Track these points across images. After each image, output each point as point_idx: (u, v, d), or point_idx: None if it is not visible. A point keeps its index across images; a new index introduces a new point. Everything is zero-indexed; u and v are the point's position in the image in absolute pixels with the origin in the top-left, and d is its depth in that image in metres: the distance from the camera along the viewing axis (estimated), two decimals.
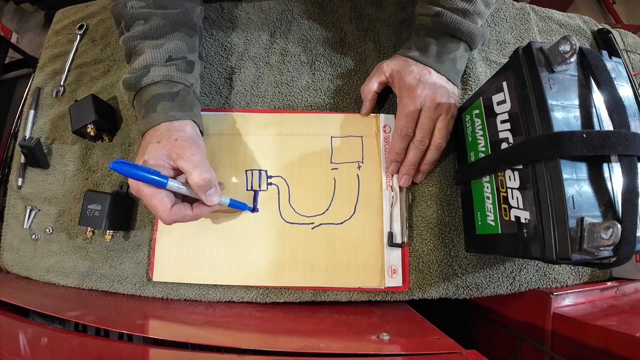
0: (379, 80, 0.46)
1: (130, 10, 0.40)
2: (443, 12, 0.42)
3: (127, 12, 0.40)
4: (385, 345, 0.32)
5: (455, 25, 0.43)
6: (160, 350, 0.32)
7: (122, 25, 0.42)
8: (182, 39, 0.42)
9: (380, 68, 0.46)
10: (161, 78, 0.39)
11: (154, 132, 0.37)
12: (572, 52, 0.30)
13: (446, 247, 0.45)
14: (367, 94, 0.46)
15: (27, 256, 0.49)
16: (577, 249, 0.27)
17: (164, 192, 0.35)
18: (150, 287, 0.45)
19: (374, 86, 0.46)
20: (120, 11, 0.41)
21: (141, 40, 0.40)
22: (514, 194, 0.34)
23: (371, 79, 0.46)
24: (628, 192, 0.28)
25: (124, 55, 0.42)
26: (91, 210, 0.44)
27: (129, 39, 0.40)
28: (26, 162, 0.51)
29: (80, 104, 0.48)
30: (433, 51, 0.44)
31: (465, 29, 0.43)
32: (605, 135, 0.28)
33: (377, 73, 0.46)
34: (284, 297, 0.44)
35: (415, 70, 0.44)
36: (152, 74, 0.39)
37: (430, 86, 0.43)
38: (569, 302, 0.44)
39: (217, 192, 0.37)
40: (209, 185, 0.35)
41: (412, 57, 0.44)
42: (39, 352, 0.31)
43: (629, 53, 0.58)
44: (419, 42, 0.45)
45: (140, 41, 0.40)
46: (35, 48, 1.65)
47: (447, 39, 0.44)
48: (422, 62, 0.44)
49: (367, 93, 0.46)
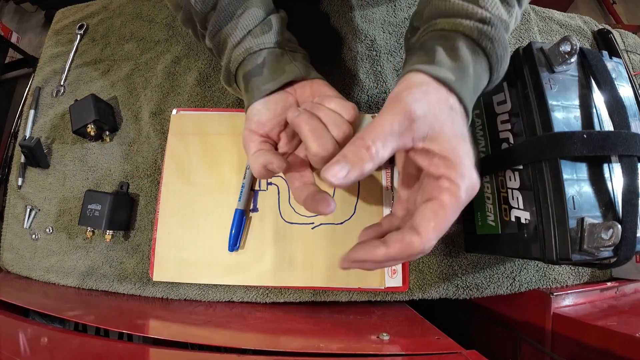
0: (396, 143, 0.25)
1: (196, 5, 0.36)
2: (495, 20, 0.28)
3: (195, 9, 0.36)
4: (385, 346, 0.32)
5: (503, 42, 0.28)
6: (160, 350, 0.32)
7: (199, 26, 0.38)
8: (254, 5, 0.36)
9: (404, 105, 0.25)
10: (242, 56, 0.35)
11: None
12: (573, 53, 0.30)
13: (446, 247, 0.45)
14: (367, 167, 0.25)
15: (27, 256, 0.49)
16: (578, 250, 0.27)
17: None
18: (150, 287, 0.45)
19: (384, 154, 0.25)
20: (190, 12, 0.37)
21: (219, 30, 0.36)
22: (514, 194, 0.34)
23: (380, 138, 0.24)
24: (628, 192, 0.28)
25: (216, 55, 0.39)
26: (91, 210, 0.44)
27: (210, 35, 0.37)
28: (26, 162, 0.51)
29: (80, 103, 0.48)
30: (470, 77, 0.27)
31: (505, 53, 0.29)
32: (606, 135, 0.28)
33: (396, 124, 0.24)
34: (284, 297, 0.44)
35: (459, 114, 0.27)
36: (235, 57, 0.36)
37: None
38: (569, 303, 0.44)
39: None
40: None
41: (443, 81, 0.26)
42: (39, 352, 0.31)
43: (629, 53, 0.58)
44: (453, 55, 0.27)
45: (218, 32, 0.36)
46: (36, 48, 1.65)
47: (482, 60, 0.28)
48: (457, 91, 0.26)
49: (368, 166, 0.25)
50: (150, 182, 0.48)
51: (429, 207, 0.24)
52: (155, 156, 0.49)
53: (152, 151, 0.49)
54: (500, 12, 0.28)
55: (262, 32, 0.36)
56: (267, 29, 0.36)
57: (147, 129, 0.50)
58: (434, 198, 0.24)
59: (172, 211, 0.45)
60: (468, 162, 0.25)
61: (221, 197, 0.45)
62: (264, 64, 0.35)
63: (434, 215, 0.24)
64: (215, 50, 0.38)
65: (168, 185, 0.46)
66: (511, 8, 0.30)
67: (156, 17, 0.56)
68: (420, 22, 0.32)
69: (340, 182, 0.24)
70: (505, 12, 0.29)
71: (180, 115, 0.49)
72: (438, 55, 0.27)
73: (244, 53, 0.35)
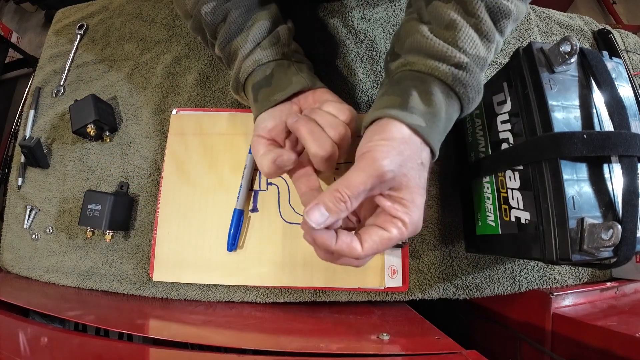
0: (367, 195, 0.29)
1: (206, 17, 0.37)
2: (470, 65, 0.29)
3: (205, 20, 0.37)
4: (385, 345, 0.32)
5: (476, 86, 0.30)
6: (160, 350, 0.32)
7: (208, 36, 0.39)
8: (263, 17, 0.38)
9: (377, 168, 0.27)
10: (252, 67, 0.37)
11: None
12: (573, 53, 0.30)
13: (446, 247, 0.45)
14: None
15: (27, 256, 0.49)
16: (578, 250, 0.27)
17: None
18: (150, 287, 0.45)
19: (356, 204, 0.28)
20: (200, 22, 0.38)
21: (229, 41, 0.38)
22: (515, 194, 0.34)
23: (354, 195, 0.27)
24: (628, 192, 0.28)
25: (225, 64, 0.40)
26: (91, 210, 0.44)
27: (220, 46, 0.38)
28: (26, 162, 0.51)
29: (80, 103, 0.48)
30: (442, 121, 0.30)
31: (478, 94, 0.31)
32: (606, 135, 0.28)
33: (367, 176, 0.27)
34: (284, 297, 0.44)
35: (426, 166, 0.30)
36: (244, 68, 0.37)
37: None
38: (569, 303, 0.44)
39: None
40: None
41: (414, 128, 0.28)
42: (39, 351, 0.31)
43: (629, 53, 0.58)
44: (427, 99, 0.29)
45: (229, 44, 0.38)
46: (36, 48, 1.65)
47: (454, 103, 0.30)
48: (426, 137, 0.29)
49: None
50: (150, 182, 0.48)
51: (378, 234, 0.28)
52: (155, 156, 0.49)
53: (152, 151, 0.49)
54: (479, 50, 0.30)
55: (270, 45, 0.37)
56: (275, 41, 0.38)
57: (147, 129, 0.50)
58: (385, 228, 0.28)
59: (172, 211, 0.45)
60: (420, 210, 0.29)
61: (221, 197, 0.45)
62: (272, 76, 0.37)
63: (380, 241, 0.28)
64: (225, 59, 0.40)
65: (168, 185, 0.46)
66: (490, 43, 0.31)
67: (156, 17, 0.56)
68: (402, 50, 0.33)
69: (319, 227, 0.28)
70: (484, 49, 0.30)
71: (180, 115, 0.49)
72: (412, 101, 0.29)
73: (253, 65, 0.37)
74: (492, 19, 0.30)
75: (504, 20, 0.30)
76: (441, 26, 0.30)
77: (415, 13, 0.33)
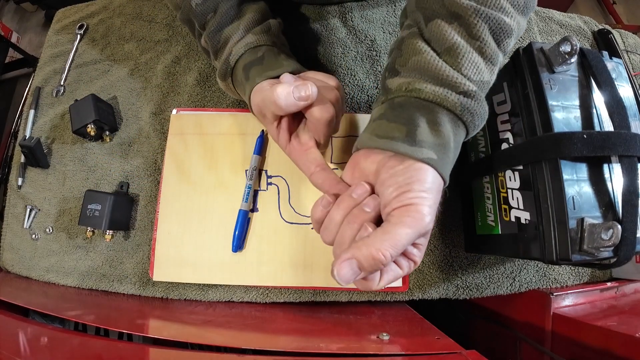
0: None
1: (197, 8, 0.38)
2: (478, 93, 0.28)
3: (195, 11, 0.38)
4: (385, 345, 0.32)
5: (483, 114, 0.30)
6: (160, 350, 0.32)
7: (197, 26, 0.40)
8: (253, 10, 0.39)
9: (425, 226, 0.27)
10: (244, 49, 0.37)
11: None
12: (573, 53, 0.30)
13: (446, 247, 0.45)
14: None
15: (27, 256, 0.49)
16: (577, 250, 0.27)
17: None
18: (150, 287, 0.45)
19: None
20: (189, 12, 0.39)
21: (220, 30, 0.38)
22: (514, 194, 0.34)
23: (397, 250, 0.26)
24: (628, 192, 0.28)
25: (211, 54, 0.41)
26: (91, 210, 0.44)
27: (209, 35, 0.39)
28: (26, 162, 0.51)
29: (80, 103, 0.48)
30: (451, 150, 0.29)
31: (483, 120, 0.30)
32: (606, 135, 0.28)
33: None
34: (283, 297, 0.44)
35: (440, 196, 0.29)
36: (236, 51, 0.38)
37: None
38: (569, 303, 0.44)
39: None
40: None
41: (428, 162, 0.27)
42: (39, 351, 0.31)
43: (629, 53, 0.58)
44: (435, 130, 0.28)
45: (219, 32, 0.39)
46: (36, 47, 1.65)
47: (461, 131, 0.30)
48: (440, 170, 0.28)
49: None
50: (150, 182, 0.48)
51: (394, 272, 0.29)
52: (155, 156, 0.49)
53: (152, 151, 0.49)
54: (483, 76, 0.29)
55: (261, 31, 0.38)
56: (266, 29, 0.39)
57: (147, 129, 0.50)
58: (400, 267, 0.29)
59: (172, 211, 0.45)
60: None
61: (221, 197, 0.45)
62: (263, 57, 0.37)
63: (393, 276, 0.29)
64: (211, 49, 0.40)
65: (168, 185, 0.46)
66: (494, 66, 0.30)
67: (156, 17, 0.56)
68: (404, 68, 0.30)
69: (346, 284, 0.27)
70: (488, 73, 0.29)
71: (180, 115, 0.49)
72: (420, 133, 0.27)
73: (245, 47, 0.37)
74: (495, 40, 0.29)
75: (507, 40, 0.29)
76: (441, 48, 0.29)
77: (416, 27, 0.31)
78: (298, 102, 0.32)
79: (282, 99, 0.32)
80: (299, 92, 0.32)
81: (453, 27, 0.28)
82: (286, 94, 0.32)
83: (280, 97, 0.32)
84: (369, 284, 0.29)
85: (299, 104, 0.32)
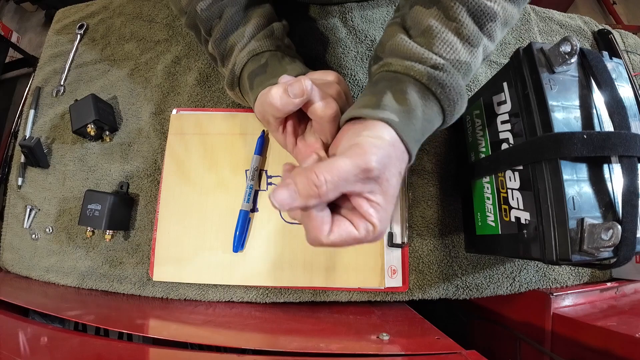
0: (344, 189, 0.26)
1: (202, 13, 0.38)
2: (447, 67, 0.29)
3: (200, 17, 0.38)
4: (385, 346, 0.32)
5: (456, 87, 0.29)
6: (160, 350, 0.32)
7: (202, 32, 0.40)
8: (258, 15, 0.39)
9: (366, 161, 0.25)
10: (247, 57, 0.37)
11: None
12: (573, 53, 0.30)
13: (446, 247, 0.45)
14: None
15: (27, 256, 0.49)
16: (577, 250, 0.27)
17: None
18: (150, 286, 0.45)
19: (331, 196, 0.26)
20: (195, 17, 0.39)
21: (225, 37, 0.38)
22: (514, 194, 0.34)
23: (334, 180, 0.25)
24: (628, 193, 0.28)
25: (218, 61, 0.40)
26: (91, 210, 0.44)
27: (215, 43, 0.39)
28: (26, 162, 0.51)
29: (80, 103, 0.48)
30: (418, 120, 0.29)
31: (460, 97, 0.30)
32: (606, 136, 0.28)
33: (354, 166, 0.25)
34: (283, 297, 0.44)
35: (401, 172, 0.29)
36: (240, 60, 0.37)
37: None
38: (569, 303, 0.44)
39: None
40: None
41: (388, 122, 0.27)
42: (39, 351, 0.31)
43: (629, 54, 0.58)
44: (401, 98, 0.28)
45: (225, 39, 0.39)
46: (36, 47, 1.65)
47: (433, 104, 0.29)
48: (400, 133, 0.27)
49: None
50: (150, 182, 0.48)
51: (348, 229, 0.27)
52: (155, 156, 0.49)
53: (152, 151, 0.49)
54: (459, 55, 0.29)
55: (264, 37, 0.38)
56: (269, 34, 0.39)
57: (147, 129, 0.50)
58: (356, 226, 0.27)
59: (172, 211, 0.45)
60: (388, 220, 0.28)
61: (221, 197, 0.45)
62: (266, 64, 0.37)
63: (346, 236, 0.27)
64: (218, 56, 0.40)
65: (168, 185, 0.46)
66: (474, 48, 0.30)
67: (156, 17, 0.56)
68: (383, 53, 0.33)
69: (284, 209, 0.25)
70: (467, 53, 0.30)
71: (180, 115, 0.49)
72: (385, 99, 0.28)
73: (248, 55, 0.37)
74: (476, 22, 0.29)
75: (490, 24, 0.30)
76: (418, 32, 0.30)
77: (400, 18, 0.33)
78: (294, 100, 0.31)
79: (277, 99, 0.31)
80: (293, 89, 0.31)
81: (431, 11, 0.30)
82: (281, 93, 0.31)
83: (275, 98, 0.31)
84: (317, 233, 0.26)
85: (295, 101, 0.31)
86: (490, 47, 0.32)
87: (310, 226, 0.27)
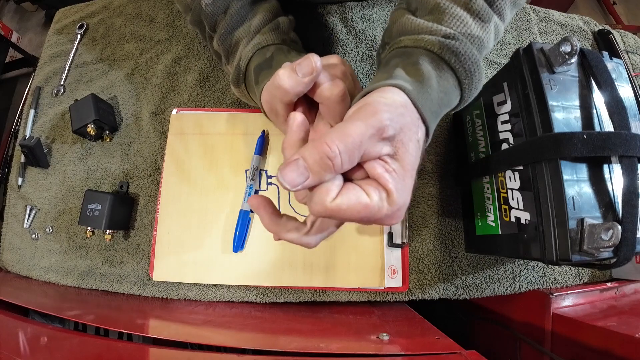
0: (361, 155, 0.23)
1: (207, 8, 0.37)
2: (459, 36, 0.27)
3: (205, 12, 0.37)
4: (384, 346, 0.32)
5: (471, 56, 0.27)
6: (160, 350, 0.32)
7: (207, 29, 0.39)
8: (264, 9, 0.38)
9: (380, 120, 0.23)
10: (252, 51, 0.36)
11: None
12: (573, 53, 0.30)
13: (446, 247, 0.45)
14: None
15: (27, 255, 0.49)
16: (577, 250, 0.27)
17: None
18: (150, 286, 0.45)
19: (347, 167, 0.23)
20: (200, 13, 0.38)
21: (231, 32, 0.38)
22: (514, 194, 0.34)
23: (349, 149, 0.22)
24: (628, 193, 0.28)
25: (223, 58, 0.40)
26: (91, 210, 0.44)
27: (220, 39, 0.38)
28: (26, 162, 0.51)
29: (80, 103, 0.48)
30: (434, 90, 0.27)
31: (476, 67, 0.28)
32: (606, 136, 0.28)
33: (369, 126, 0.22)
34: (283, 297, 0.44)
35: (420, 140, 0.26)
36: (246, 54, 0.37)
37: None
38: (569, 303, 0.44)
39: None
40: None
41: (402, 88, 0.25)
42: (39, 351, 0.31)
43: (629, 54, 0.58)
44: (413, 70, 0.27)
45: (230, 34, 0.38)
46: (36, 47, 1.65)
47: (448, 75, 0.28)
48: (414, 101, 0.25)
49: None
50: (150, 182, 0.48)
51: (357, 194, 0.23)
52: (155, 156, 0.49)
53: (152, 151, 0.49)
54: (470, 29, 0.28)
55: (269, 30, 0.37)
56: (274, 28, 0.38)
57: (147, 129, 0.50)
58: (366, 192, 0.24)
59: (172, 211, 0.45)
60: (407, 194, 0.24)
61: (221, 197, 0.45)
62: (272, 58, 0.36)
63: (355, 203, 0.23)
64: (224, 52, 0.39)
65: (168, 185, 0.46)
66: (485, 24, 0.29)
67: (156, 17, 0.56)
68: (390, 38, 0.32)
69: (296, 190, 0.23)
70: (478, 28, 0.28)
71: (180, 115, 0.49)
72: (396, 72, 0.27)
73: (253, 49, 0.36)
74: None
75: (500, 1, 0.29)
76: (425, 11, 0.29)
77: (404, 3, 0.33)
78: (303, 79, 0.28)
79: (286, 80, 0.29)
80: (302, 68, 0.28)
81: None
82: (289, 73, 0.29)
83: (283, 79, 0.29)
84: (322, 194, 0.23)
85: (304, 80, 0.28)
86: (501, 28, 0.31)
87: (316, 189, 0.24)
